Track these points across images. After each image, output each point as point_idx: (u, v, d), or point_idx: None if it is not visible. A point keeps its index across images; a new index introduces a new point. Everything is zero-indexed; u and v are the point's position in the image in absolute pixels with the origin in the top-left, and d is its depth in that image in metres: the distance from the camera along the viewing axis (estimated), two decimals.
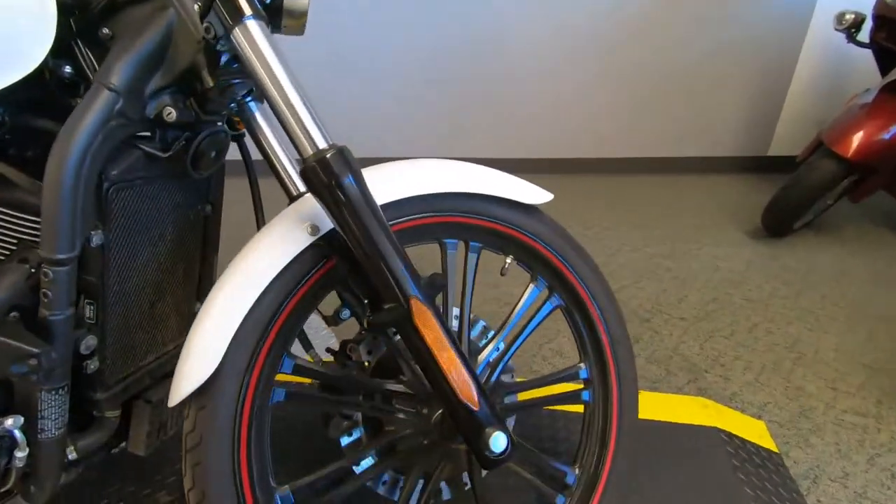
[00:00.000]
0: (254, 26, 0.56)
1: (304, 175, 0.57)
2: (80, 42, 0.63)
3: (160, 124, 0.63)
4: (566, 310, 0.83)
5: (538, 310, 0.82)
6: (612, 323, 0.83)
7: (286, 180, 0.78)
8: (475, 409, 0.62)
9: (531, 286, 0.81)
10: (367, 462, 0.74)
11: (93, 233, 0.61)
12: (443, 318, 0.61)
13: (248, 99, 0.75)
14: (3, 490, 0.67)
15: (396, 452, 0.76)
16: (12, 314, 0.60)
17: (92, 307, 0.66)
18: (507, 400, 0.83)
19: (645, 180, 2.71)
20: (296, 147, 0.59)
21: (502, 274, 0.84)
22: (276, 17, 0.67)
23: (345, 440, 0.78)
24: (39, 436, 0.63)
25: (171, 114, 0.62)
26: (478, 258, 0.78)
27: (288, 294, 0.63)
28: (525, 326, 0.82)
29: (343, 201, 0.57)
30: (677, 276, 1.78)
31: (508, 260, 0.80)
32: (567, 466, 0.82)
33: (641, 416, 1.14)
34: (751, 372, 1.34)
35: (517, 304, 0.82)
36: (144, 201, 0.69)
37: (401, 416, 0.73)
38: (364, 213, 0.58)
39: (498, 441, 0.62)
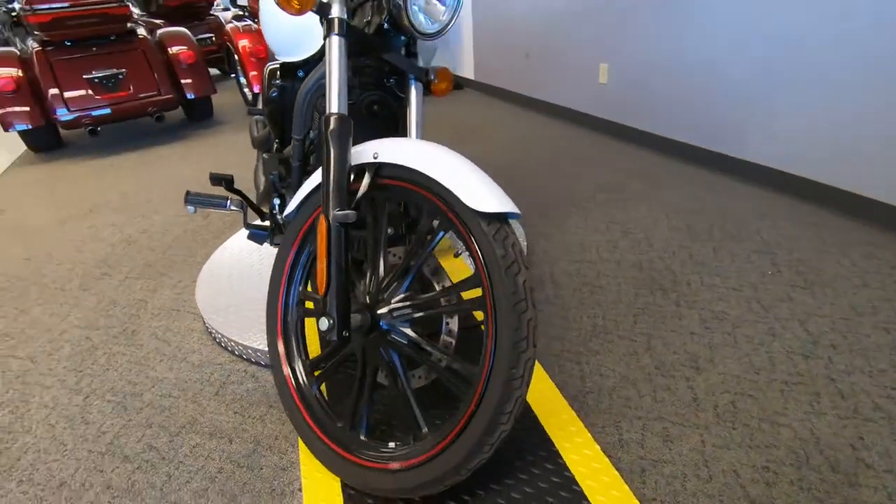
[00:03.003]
0: (333, 40, 0.91)
1: (321, 122, 0.94)
2: None
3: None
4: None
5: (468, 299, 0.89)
6: (500, 358, 0.79)
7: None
8: (319, 295, 0.87)
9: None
10: None
11: (311, 131, 1.23)
12: (342, 238, 0.88)
13: (412, 80, 1.13)
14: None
15: None
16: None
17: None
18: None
19: None
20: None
21: (455, 256, 0.92)
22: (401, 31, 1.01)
23: None
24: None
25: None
26: (443, 234, 0.92)
27: None
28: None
29: (325, 143, 0.90)
30: None
31: (462, 248, 0.89)
32: (425, 425, 0.92)
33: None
34: None
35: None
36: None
37: None
38: (331, 152, 0.88)
39: (321, 322, 0.87)
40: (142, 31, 3.83)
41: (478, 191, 0.81)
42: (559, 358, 1.36)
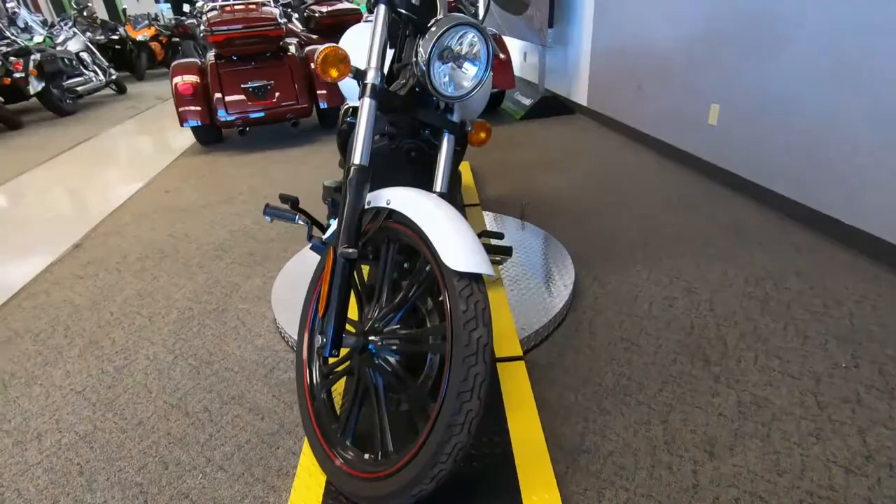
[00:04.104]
0: (365, 101, 1.06)
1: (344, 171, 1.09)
2: None
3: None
4: None
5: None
6: (447, 404, 0.86)
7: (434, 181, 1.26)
8: (319, 315, 1.03)
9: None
10: None
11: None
12: (346, 271, 1.02)
13: (445, 132, 1.24)
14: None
15: None
16: None
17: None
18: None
19: None
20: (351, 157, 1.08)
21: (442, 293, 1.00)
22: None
23: None
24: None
25: (385, 128, 1.25)
26: (428, 270, 1.01)
27: None
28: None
29: (343, 189, 1.06)
30: None
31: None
32: (391, 445, 1.01)
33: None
34: None
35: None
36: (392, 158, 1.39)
37: None
38: (347, 196, 1.04)
39: (316, 339, 1.02)
40: (291, 49, 4.45)
41: (457, 250, 0.90)
42: (567, 410, 1.37)
